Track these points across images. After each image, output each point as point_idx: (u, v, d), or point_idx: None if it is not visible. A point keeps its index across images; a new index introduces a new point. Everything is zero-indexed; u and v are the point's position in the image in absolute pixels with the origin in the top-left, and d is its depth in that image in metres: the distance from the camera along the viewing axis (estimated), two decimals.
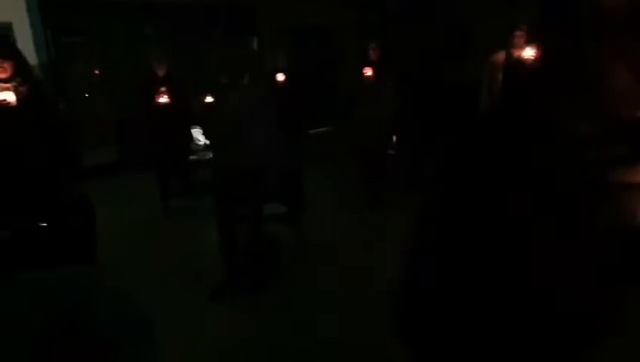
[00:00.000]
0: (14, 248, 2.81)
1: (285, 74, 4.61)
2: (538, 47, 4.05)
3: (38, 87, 2.74)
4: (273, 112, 2.93)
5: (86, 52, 6.04)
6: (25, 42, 5.04)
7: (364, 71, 4.32)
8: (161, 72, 4.37)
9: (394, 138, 4.65)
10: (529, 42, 4.27)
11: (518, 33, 4.30)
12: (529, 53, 4.18)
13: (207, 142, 5.53)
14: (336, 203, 4.59)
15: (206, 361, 2.39)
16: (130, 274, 3.05)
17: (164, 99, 4.30)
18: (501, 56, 4.40)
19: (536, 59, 3.98)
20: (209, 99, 2.72)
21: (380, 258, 3.38)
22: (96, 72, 6.33)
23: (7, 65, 2.57)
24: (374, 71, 4.33)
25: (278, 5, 6.67)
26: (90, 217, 3.67)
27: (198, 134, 5.38)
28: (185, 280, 3.19)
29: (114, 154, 5.98)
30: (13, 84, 2.58)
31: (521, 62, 4.23)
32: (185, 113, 4.53)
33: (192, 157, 5.16)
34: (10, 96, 2.52)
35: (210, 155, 5.44)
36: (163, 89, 4.29)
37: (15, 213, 2.85)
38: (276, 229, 3.52)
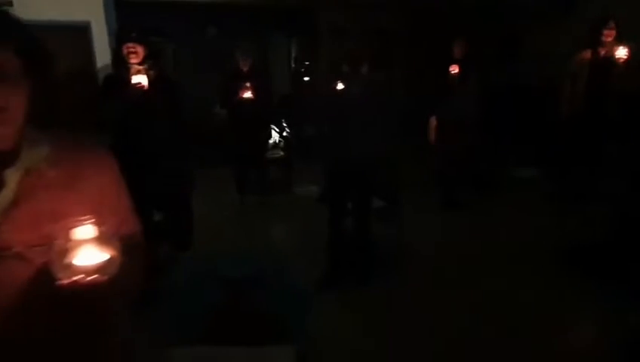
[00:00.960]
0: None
1: None
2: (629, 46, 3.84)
3: (163, 71, 2.75)
4: (390, 102, 2.89)
5: (160, 51, 6.14)
6: (101, 41, 5.16)
7: (451, 68, 4.25)
8: (245, 68, 4.37)
9: (475, 138, 4.54)
10: (619, 40, 4.15)
11: (606, 32, 4.16)
12: (621, 52, 4.06)
13: (276, 139, 5.53)
14: (417, 202, 4.50)
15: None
16: None
17: (248, 94, 4.28)
18: (587, 54, 4.27)
19: (629, 59, 3.80)
20: (340, 85, 2.69)
21: (464, 259, 3.36)
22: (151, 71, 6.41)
23: (139, 49, 2.59)
24: (460, 68, 4.25)
25: (338, 7, 6.68)
26: (190, 207, 3.62)
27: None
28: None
29: None
30: (145, 67, 2.60)
31: (610, 60, 4.11)
32: (267, 109, 4.52)
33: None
34: (143, 80, 2.54)
35: (282, 153, 5.47)
36: (247, 84, 4.27)
37: (139, 201, 2.83)
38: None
